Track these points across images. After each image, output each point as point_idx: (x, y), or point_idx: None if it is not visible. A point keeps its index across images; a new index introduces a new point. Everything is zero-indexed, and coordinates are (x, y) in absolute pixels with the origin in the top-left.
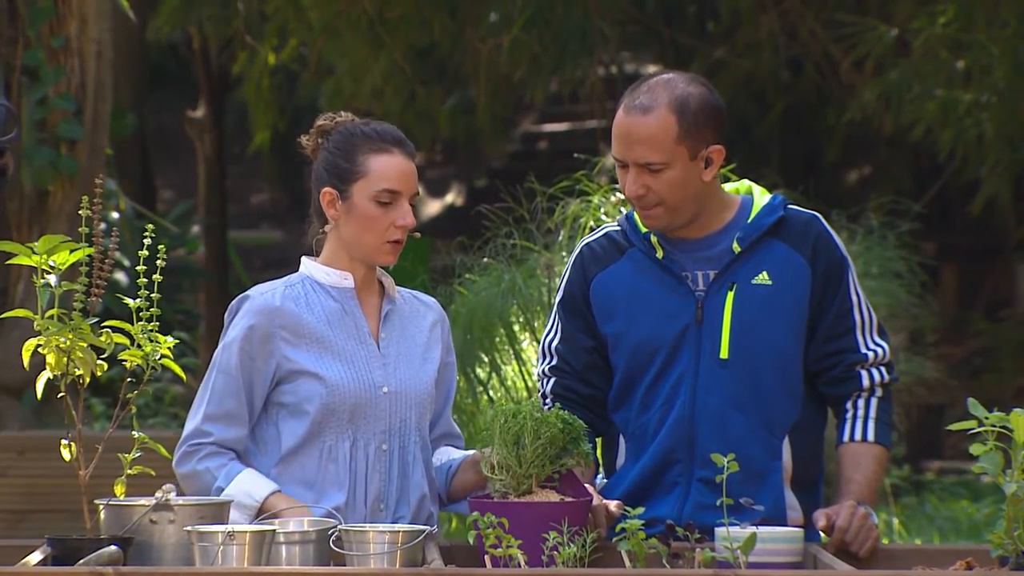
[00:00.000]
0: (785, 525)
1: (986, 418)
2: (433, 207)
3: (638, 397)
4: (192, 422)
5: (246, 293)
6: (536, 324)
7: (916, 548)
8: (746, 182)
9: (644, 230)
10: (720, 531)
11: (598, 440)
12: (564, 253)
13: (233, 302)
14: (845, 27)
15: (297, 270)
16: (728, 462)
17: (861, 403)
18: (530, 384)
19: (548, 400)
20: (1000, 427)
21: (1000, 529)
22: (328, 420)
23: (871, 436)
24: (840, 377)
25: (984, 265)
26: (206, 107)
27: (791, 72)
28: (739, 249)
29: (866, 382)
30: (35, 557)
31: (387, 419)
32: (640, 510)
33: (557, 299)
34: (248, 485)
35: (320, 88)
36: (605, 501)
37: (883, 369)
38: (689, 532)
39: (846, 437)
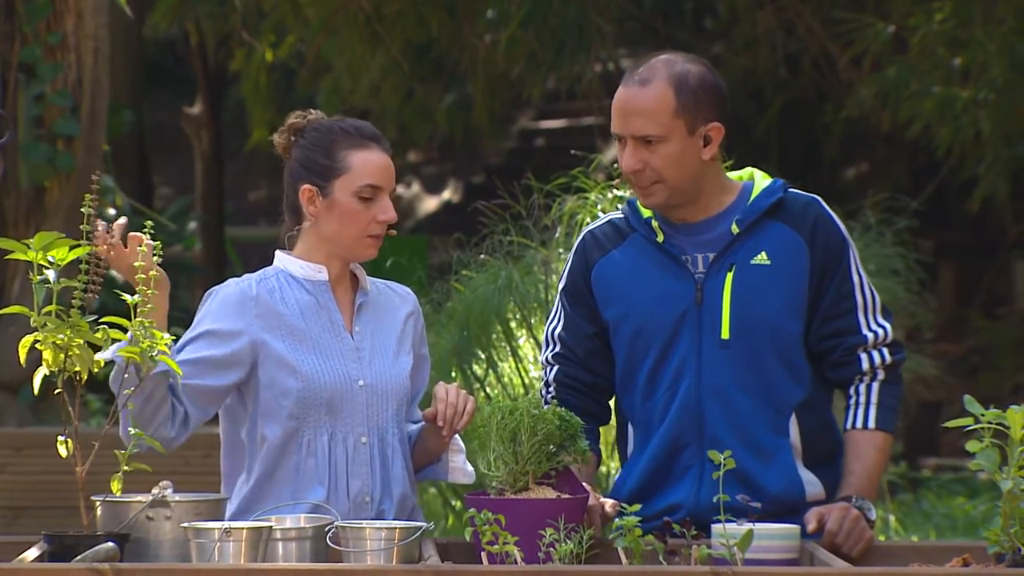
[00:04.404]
0: (802, 502)
1: (983, 415)
2: (430, 204)
3: (641, 382)
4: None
5: (220, 285)
6: (533, 321)
7: (912, 545)
8: (749, 169)
9: (646, 215)
10: (717, 528)
11: (600, 430)
12: (561, 250)
13: (207, 293)
14: (842, 24)
15: None
16: (724, 459)
17: (863, 388)
18: (527, 381)
19: (551, 388)
20: (997, 424)
21: (996, 526)
22: (306, 414)
23: (872, 423)
24: (840, 361)
25: (982, 262)
26: (203, 104)
27: (789, 69)
28: (738, 230)
29: (866, 365)
30: (32, 553)
31: (364, 412)
32: (637, 507)
33: (560, 287)
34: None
35: (318, 85)
36: (601, 500)
37: (884, 350)
38: (686, 529)
39: (849, 424)
